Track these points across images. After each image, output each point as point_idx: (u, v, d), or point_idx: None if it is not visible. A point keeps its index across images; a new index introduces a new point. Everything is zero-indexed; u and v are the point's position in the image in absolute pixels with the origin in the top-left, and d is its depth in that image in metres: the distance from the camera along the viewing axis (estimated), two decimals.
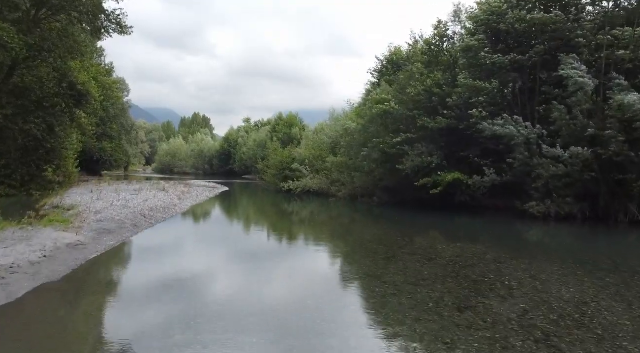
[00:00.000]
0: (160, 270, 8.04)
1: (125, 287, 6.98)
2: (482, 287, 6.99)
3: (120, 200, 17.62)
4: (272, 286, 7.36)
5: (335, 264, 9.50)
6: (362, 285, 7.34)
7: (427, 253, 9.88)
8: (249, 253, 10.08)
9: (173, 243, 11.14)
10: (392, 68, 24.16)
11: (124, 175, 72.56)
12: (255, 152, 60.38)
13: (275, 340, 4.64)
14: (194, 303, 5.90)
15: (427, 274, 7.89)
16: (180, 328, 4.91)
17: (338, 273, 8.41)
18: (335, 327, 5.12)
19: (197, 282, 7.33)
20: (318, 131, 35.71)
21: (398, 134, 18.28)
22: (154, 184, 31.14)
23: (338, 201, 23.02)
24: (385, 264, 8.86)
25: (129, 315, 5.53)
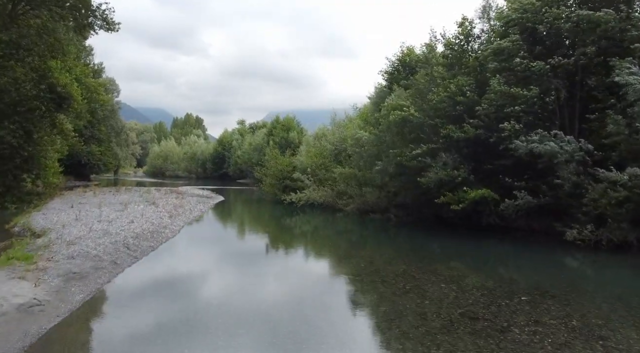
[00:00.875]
0: (143, 344, 5.89)
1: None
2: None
3: (102, 220, 15.39)
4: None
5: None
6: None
7: (455, 303, 7.77)
8: (261, 312, 7.74)
9: (161, 291, 8.82)
10: (404, 70, 22.10)
11: (114, 179, 70.08)
12: (250, 156, 58.20)
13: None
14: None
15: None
16: None
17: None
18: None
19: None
20: (319, 136, 33.58)
21: (417, 144, 16.22)
22: (143, 194, 28.85)
23: (346, 217, 20.91)
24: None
25: None
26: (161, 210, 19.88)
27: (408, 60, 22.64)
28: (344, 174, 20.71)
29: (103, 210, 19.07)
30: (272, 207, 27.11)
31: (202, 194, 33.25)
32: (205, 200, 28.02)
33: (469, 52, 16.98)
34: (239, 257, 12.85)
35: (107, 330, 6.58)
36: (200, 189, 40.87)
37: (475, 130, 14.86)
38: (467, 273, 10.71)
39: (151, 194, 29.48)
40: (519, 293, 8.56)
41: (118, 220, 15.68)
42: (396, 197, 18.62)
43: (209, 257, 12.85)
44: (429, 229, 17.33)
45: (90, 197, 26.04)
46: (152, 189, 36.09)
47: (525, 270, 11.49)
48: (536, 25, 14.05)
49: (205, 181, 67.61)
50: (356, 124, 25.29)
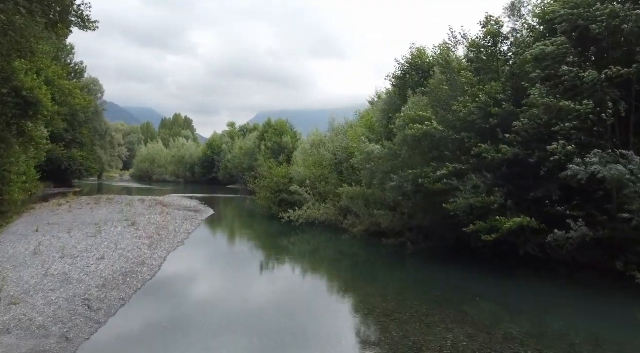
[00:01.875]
0: None
1: None
2: None
3: (66, 255, 12.76)
4: None
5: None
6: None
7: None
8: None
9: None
10: (417, 74, 19.74)
11: (98, 184, 66.99)
12: (241, 161, 55.69)
13: None
14: None
15: None
16: None
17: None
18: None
19: None
20: (316, 143, 31.14)
21: (441, 162, 13.87)
22: (124, 208, 26.16)
23: (353, 240, 18.46)
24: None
25: None
26: (141, 234, 17.26)
27: (420, 62, 20.27)
28: (351, 193, 18.27)
29: (73, 234, 16.43)
30: (267, 225, 24.58)
31: (190, 206, 30.60)
32: (192, 216, 25.39)
33: (497, 55, 14.63)
34: (230, 309, 10.34)
35: None
36: (188, 198, 38.17)
37: (515, 149, 12.52)
38: (507, 321, 8.36)
39: (133, 208, 26.80)
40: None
41: (86, 254, 13.06)
42: (412, 220, 16.25)
43: (192, 311, 10.27)
44: (452, 258, 14.98)
45: (63, 214, 23.31)
46: (135, 200, 33.35)
47: (585, 321, 9.24)
48: (589, 25, 11.74)
49: (194, 186, 64.87)
50: (360, 132, 22.89)
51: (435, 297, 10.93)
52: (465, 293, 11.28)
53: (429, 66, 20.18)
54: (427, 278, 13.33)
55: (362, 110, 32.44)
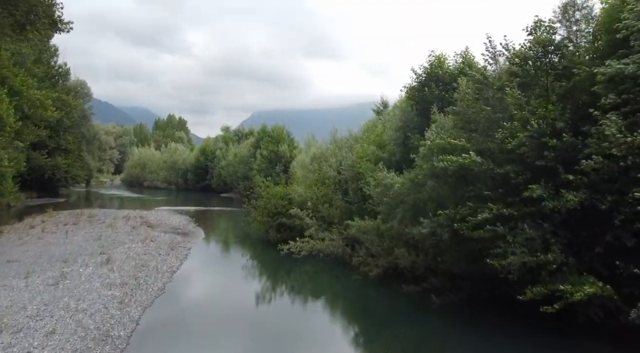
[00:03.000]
0: None
1: None
2: None
3: (3, 332, 9.95)
4: None
5: None
6: None
7: None
8: None
9: None
10: (436, 87, 17.04)
11: (86, 191, 64.00)
12: (235, 168, 52.94)
13: None
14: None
15: None
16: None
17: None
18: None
19: None
20: (317, 157, 28.41)
21: (479, 202, 11.19)
22: (103, 233, 23.30)
23: (365, 282, 15.71)
24: None
25: None
26: (114, 279, 14.44)
27: (440, 73, 17.59)
28: (363, 228, 15.52)
29: (30, 282, 13.61)
30: (264, 257, 21.82)
31: (179, 226, 27.78)
32: (180, 242, 22.56)
33: (546, 69, 11.92)
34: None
35: None
36: (178, 213, 35.34)
37: (582, 196, 9.83)
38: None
39: (114, 232, 23.97)
40: None
41: (34, 323, 10.20)
42: (439, 262, 13.54)
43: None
44: (492, 317, 12.28)
45: (31, 242, 20.46)
46: (119, 217, 30.52)
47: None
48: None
49: (186, 194, 62.00)
50: (369, 150, 20.18)
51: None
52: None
53: (450, 77, 17.53)
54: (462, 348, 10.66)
55: (367, 121, 29.83)
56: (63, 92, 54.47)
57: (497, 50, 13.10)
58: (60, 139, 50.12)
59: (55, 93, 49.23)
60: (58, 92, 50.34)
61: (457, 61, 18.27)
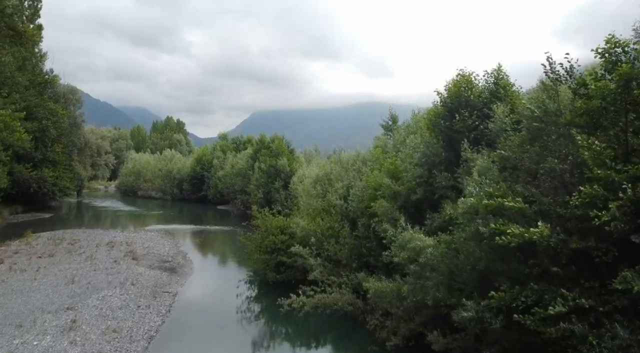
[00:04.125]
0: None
1: None
2: None
3: None
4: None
5: None
6: None
7: None
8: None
9: None
10: (469, 115, 14.20)
11: (77, 202, 61.20)
12: (233, 181, 50.17)
13: None
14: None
15: None
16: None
17: None
18: None
19: None
20: (321, 179, 25.62)
21: (544, 282, 8.43)
22: (76, 275, 20.49)
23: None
24: None
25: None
26: None
27: (470, 96, 14.77)
28: (381, 291, 12.68)
29: None
30: (261, 302, 19.03)
31: (167, 257, 24.96)
32: (165, 283, 19.75)
33: (625, 104, 9.12)
34: None
35: None
36: (170, 236, 32.54)
37: None
38: None
39: (92, 268, 21.17)
40: None
41: None
42: (483, 343, 10.72)
43: None
44: None
45: None
46: (103, 244, 27.77)
47: None
48: None
49: (182, 205, 59.19)
50: (384, 182, 17.32)
51: None
52: None
53: (483, 102, 14.72)
54: None
55: (376, 139, 27.10)
56: (51, 99, 51.85)
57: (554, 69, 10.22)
58: (47, 150, 47.35)
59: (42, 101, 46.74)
60: (44, 101, 47.71)
61: (489, 81, 15.46)
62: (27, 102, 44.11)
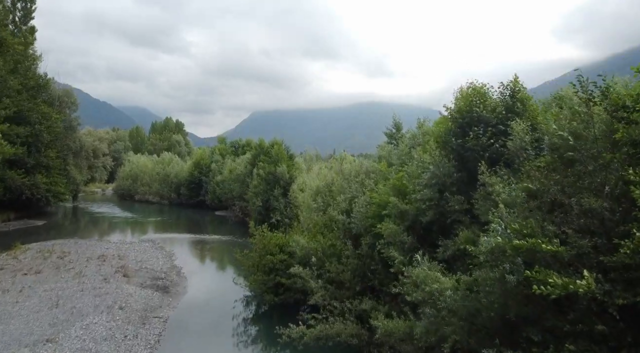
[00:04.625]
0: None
1: None
2: None
3: None
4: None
5: None
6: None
7: None
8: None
9: None
10: (483, 132, 12.97)
11: (72, 207, 59.99)
12: (231, 186, 49.01)
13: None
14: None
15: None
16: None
17: None
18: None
19: None
20: (321, 192, 24.41)
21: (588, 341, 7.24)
22: (61, 298, 19.30)
23: None
24: None
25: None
26: None
27: (482, 111, 13.53)
28: (390, 329, 11.46)
29: None
30: (258, 327, 17.82)
31: (160, 274, 23.74)
32: (157, 307, 18.55)
33: None
34: None
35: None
36: (167, 246, 31.34)
37: None
38: None
39: (80, 288, 19.97)
40: None
41: None
42: None
43: None
44: None
45: None
46: (94, 257, 26.60)
47: None
48: None
49: (179, 211, 57.99)
50: (390, 200, 16.09)
51: None
52: None
53: (498, 118, 13.49)
54: None
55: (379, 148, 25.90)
56: (45, 103, 50.66)
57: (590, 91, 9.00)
58: (41, 155, 46.11)
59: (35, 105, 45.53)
60: (37, 105, 46.51)
61: (504, 94, 14.22)
62: (19, 106, 42.96)
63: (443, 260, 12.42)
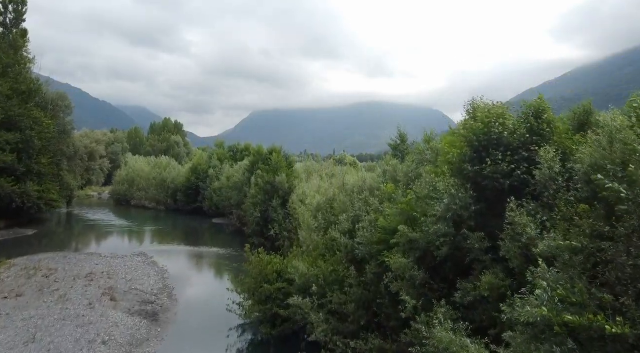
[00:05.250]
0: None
1: None
2: None
3: None
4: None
5: None
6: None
7: None
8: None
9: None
10: (501, 155, 11.45)
11: (67, 213, 58.51)
12: (229, 194, 47.62)
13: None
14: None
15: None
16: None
17: None
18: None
19: None
20: (321, 209, 22.92)
21: None
22: (38, 331, 17.81)
23: None
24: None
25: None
26: None
27: (506, 135, 12.02)
28: None
29: None
30: None
31: (150, 297, 22.24)
32: (144, 340, 17.05)
33: None
34: None
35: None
36: (161, 260, 29.85)
37: None
38: None
39: (61, 316, 18.49)
40: None
41: None
42: None
43: None
44: None
45: None
46: (82, 276, 25.14)
47: None
48: None
49: (176, 217, 56.52)
50: (400, 227, 14.58)
51: None
52: None
53: (518, 140, 12.00)
54: None
55: (385, 161, 24.53)
56: (38, 107, 49.21)
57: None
58: (32, 161, 44.59)
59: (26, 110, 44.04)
60: (29, 110, 45.03)
61: (527, 114, 12.72)
62: (9, 112, 41.50)
63: (462, 307, 10.96)
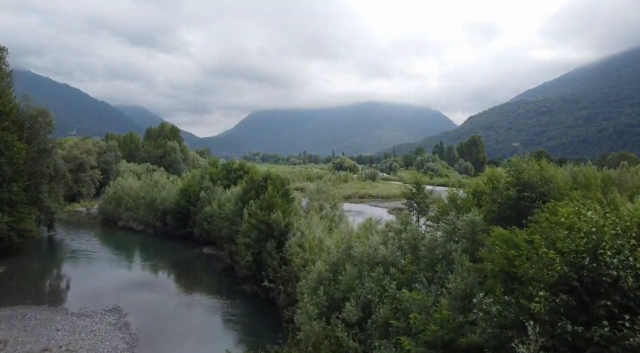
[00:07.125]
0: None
1: None
2: None
3: None
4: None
5: None
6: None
7: None
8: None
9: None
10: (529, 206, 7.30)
11: (48, 237, 54.32)
12: (220, 224, 43.51)
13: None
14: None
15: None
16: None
17: None
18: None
19: None
20: (324, 281, 18.81)
21: None
22: None
23: None
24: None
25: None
26: None
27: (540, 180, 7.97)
28: None
29: None
30: None
31: None
32: None
33: None
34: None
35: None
36: (123, 329, 25.61)
37: None
38: None
39: None
40: None
41: None
42: None
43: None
44: None
45: None
46: (39, 345, 20.96)
47: None
48: None
49: (164, 244, 52.32)
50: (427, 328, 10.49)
51: None
52: None
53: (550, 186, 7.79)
54: None
55: None
56: (14, 126, 45.18)
57: None
58: (2, 190, 40.48)
59: None
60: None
61: None
62: None
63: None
